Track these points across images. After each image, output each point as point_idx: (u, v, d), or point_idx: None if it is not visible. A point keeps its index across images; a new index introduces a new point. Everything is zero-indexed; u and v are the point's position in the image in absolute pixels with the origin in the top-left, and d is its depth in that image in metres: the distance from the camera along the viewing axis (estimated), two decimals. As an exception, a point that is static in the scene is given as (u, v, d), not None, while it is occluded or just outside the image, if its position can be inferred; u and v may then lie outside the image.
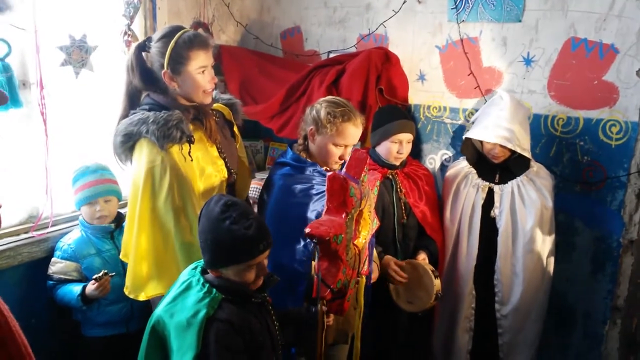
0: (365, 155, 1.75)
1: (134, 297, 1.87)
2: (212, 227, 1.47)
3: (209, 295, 1.47)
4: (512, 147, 2.21)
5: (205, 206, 1.53)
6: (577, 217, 2.50)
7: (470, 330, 2.49)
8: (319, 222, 1.52)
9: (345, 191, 1.56)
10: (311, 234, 1.46)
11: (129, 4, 2.45)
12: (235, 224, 1.45)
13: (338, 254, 1.53)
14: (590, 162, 2.43)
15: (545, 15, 2.43)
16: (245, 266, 1.49)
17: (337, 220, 1.54)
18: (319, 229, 1.47)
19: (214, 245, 1.47)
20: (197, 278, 1.52)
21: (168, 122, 1.77)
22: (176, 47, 1.81)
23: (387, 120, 2.40)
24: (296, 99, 2.81)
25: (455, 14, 2.62)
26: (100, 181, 2.18)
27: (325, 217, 1.56)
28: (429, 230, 2.47)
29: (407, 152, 2.44)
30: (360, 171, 1.68)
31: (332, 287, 1.53)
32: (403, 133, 2.37)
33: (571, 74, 2.41)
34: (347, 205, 1.57)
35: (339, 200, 1.56)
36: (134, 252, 1.84)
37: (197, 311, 1.43)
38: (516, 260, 2.34)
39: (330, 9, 3.04)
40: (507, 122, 2.24)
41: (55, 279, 2.12)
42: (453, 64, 2.70)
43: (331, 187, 1.56)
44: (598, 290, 2.48)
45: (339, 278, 1.55)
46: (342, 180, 1.55)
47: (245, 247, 1.46)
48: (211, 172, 1.91)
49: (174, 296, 1.51)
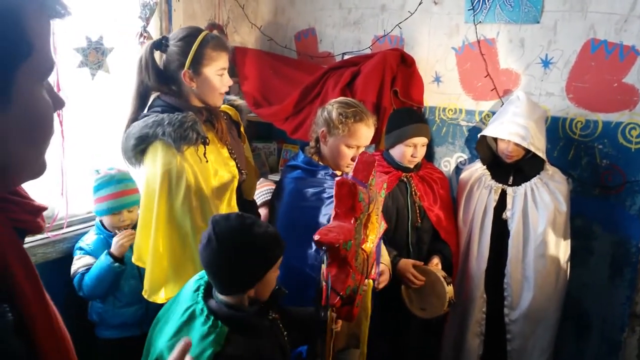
0: (372, 158, 1.72)
1: (153, 300, 1.87)
2: (244, 239, 1.41)
3: (215, 330, 1.38)
4: (527, 145, 2.19)
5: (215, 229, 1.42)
6: (595, 221, 2.46)
7: (482, 335, 2.46)
8: (328, 229, 1.48)
9: (354, 196, 1.53)
10: (320, 241, 1.42)
11: (145, 5, 2.46)
12: (259, 226, 1.44)
13: (347, 260, 1.51)
14: (609, 166, 2.39)
15: (564, 17, 2.39)
16: (276, 267, 1.49)
17: (346, 226, 1.51)
18: (328, 235, 1.43)
19: (253, 254, 1.42)
20: (200, 307, 1.43)
21: (184, 123, 1.76)
22: (200, 47, 1.82)
23: (403, 123, 2.38)
24: (310, 100, 2.80)
25: (472, 15, 2.59)
26: (126, 192, 2.18)
27: (334, 223, 1.53)
28: (443, 234, 2.45)
29: (421, 156, 2.42)
30: (368, 175, 1.65)
31: (341, 294, 1.49)
32: (418, 137, 2.35)
33: (590, 76, 2.37)
34: (355, 210, 1.55)
35: (348, 205, 1.54)
36: (152, 255, 1.83)
37: (203, 350, 1.34)
38: (527, 264, 2.32)
39: (345, 10, 3.03)
40: (522, 120, 2.21)
41: (81, 272, 2.12)
42: (469, 66, 2.67)
43: (339, 193, 1.53)
44: (616, 296, 2.44)
45: (348, 284, 1.52)
46: (350, 186, 1.52)
47: (277, 241, 1.48)
48: (224, 173, 1.91)
49: (176, 328, 1.42)
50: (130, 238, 2.07)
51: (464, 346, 2.50)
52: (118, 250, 2.07)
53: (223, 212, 1.73)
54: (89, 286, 2.09)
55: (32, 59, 0.61)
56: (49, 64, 0.65)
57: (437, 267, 2.35)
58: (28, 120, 0.63)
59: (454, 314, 2.52)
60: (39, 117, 0.65)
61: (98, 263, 2.09)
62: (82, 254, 2.16)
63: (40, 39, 0.62)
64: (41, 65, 0.64)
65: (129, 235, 2.08)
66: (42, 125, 0.66)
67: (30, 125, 0.64)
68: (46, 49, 0.64)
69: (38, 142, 0.66)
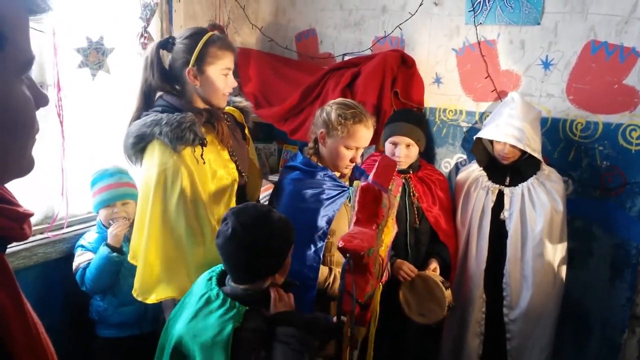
0: (393, 162, 1.69)
1: (142, 300, 1.86)
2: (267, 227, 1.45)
3: (233, 310, 1.41)
4: (522, 146, 2.19)
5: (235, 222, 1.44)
6: (595, 223, 2.46)
7: (481, 335, 2.46)
8: (352, 235, 1.45)
9: (379, 203, 1.51)
10: (345, 248, 1.40)
11: (146, 6, 2.46)
12: (274, 212, 1.49)
13: (368, 267, 1.48)
14: (610, 167, 2.39)
15: (564, 18, 2.39)
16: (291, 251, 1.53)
17: (368, 232, 1.48)
18: (353, 242, 1.41)
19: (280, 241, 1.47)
20: (215, 292, 1.46)
21: (181, 124, 1.76)
22: (206, 45, 1.83)
23: (391, 121, 2.42)
24: (310, 101, 2.80)
25: (472, 16, 2.59)
26: (118, 184, 2.19)
27: (356, 229, 1.49)
28: (442, 236, 2.44)
29: (406, 157, 2.38)
30: (389, 179, 1.62)
31: (360, 302, 1.48)
32: (399, 136, 2.35)
33: (590, 78, 2.37)
34: (378, 216, 1.52)
35: (371, 211, 1.51)
36: (144, 254, 1.83)
37: (222, 328, 1.37)
38: (525, 263, 2.32)
39: (345, 12, 3.03)
40: (517, 122, 2.22)
41: (83, 266, 2.14)
42: (470, 67, 2.67)
43: (364, 199, 1.51)
44: (616, 298, 2.44)
45: (367, 292, 1.50)
46: (375, 192, 1.50)
47: (291, 225, 1.52)
48: (222, 175, 1.90)
49: (193, 312, 1.44)
50: (124, 227, 2.10)
51: (463, 346, 2.49)
52: (113, 240, 2.11)
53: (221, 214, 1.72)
54: (91, 279, 2.10)
55: (5, 52, 0.58)
56: (26, 57, 0.63)
57: (435, 273, 2.34)
58: (5, 115, 0.60)
59: (452, 315, 2.52)
60: (17, 112, 0.62)
61: (97, 255, 2.12)
62: (83, 250, 2.18)
63: (15, 30, 0.59)
64: (18, 59, 0.61)
65: (123, 224, 2.11)
66: (21, 121, 0.62)
67: (8, 121, 0.60)
68: (23, 41, 0.62)
69: (19, 138, 0.63)
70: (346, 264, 1.44)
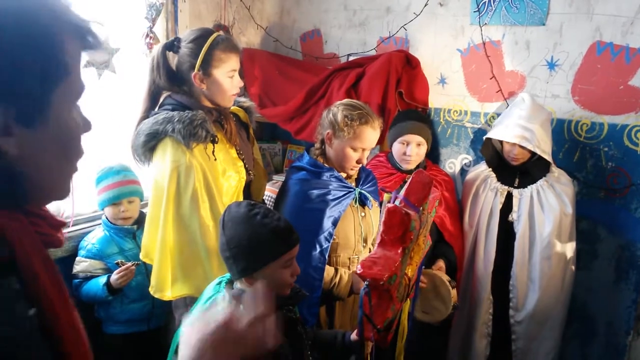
0: (429, 179, 1.56)
1: (159, 297, 1.87)
2: (244, 228, 1.41)
3: None
4: (532, 147, 2.18)
5: (226, 215, 1.45)
6: (600, 224, 2.45)
7: (488, 336, 2.46)
8: (372, 260, 1.36)
9: (406, 226, 1.40)
10: (363, 275, 1.33)
11: (151, 6, 2.47)
12: (266, 218, 1.42)
13: (390, 293, 1.40)
14: (615, 168, 2.38)
15: (570, 19, 2.39)
16: (282, 263, 1.43)
17: (392, 257, 1.38)
18: (372, 269, 1.32)
19: (250, 244, 1.40)
20: (222, 295, 1.45)
21: (193, 121, 1.77)
22: (210, 49, 1.83)
23: (399, 121, 2.41)
24: (315, 101, 2.80)
25: (477, 17, 2.59)
26: (124, 182, 2.20)
27: (379, 252, 1.40)
28: (448, 237, 2.44)
29: (416, 156, 2.39)
30: (422, 197, 1.49)
31: (379, 328, 1.40)
32: (410, 134, 2.35)
33: (596, 79, 2.37)
34: (405, 240, 1.42)
35: (397, 234, 1.41)
36: (159, 251, 1.83)
37: None
38: (532, 266, 2.31)
39: (350, 12, 3.03)
40: (527, 122, 2.21)
41: (81, 277, 2.13)
42: (475, 68, 2.67)
43: (389, 221, 1.40)
44: (621, 300, 2.43)
45: (387, 317, 1.42)
46: (403, 216, 1.38)
47: (281, 237, 1.42)
48: (231, 173, 1.91)
49: None
50: (129, 277, 2.06)
51: (471, 347, 2.50)
52: (115, 284, 2.05)
53: None
54: (84, 296, 2.12)
55: (68, 81, 0.65)
56: (80, 87, 0.69)
57: (441, 271, 2.34)
58: (61, 139, 0.66)
59: (460, 316, 2.52)
60: (70, 136, 0.68)
61: (94, 285, 2.09)
62: (85, 256, 2.16)
63: (74, 62, 0.66)
64: (74, 87, 0.67)
65: (129, 274, 2.06)
66: (72, 145, 0.69)
67: (63, 144, 0.67)
68: (78, 72, 0.68)
69: (69, 161, 0.70)
70: (364, 290, 1.38)
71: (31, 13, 0.61)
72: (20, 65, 0.60)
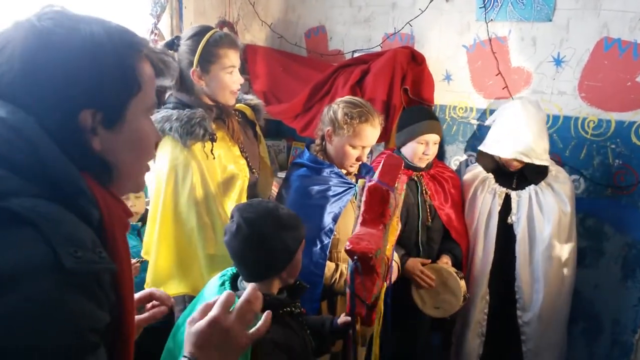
0: (400, 161, 1.65)
1: None
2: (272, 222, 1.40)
3: None
4: (529, 161, 2.17)
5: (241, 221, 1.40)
6: (606, 222, 2.43)
7: (482, 336, 2.45)
8: (359, 237, 1.41)
9: (386, 203, 1.47)
10: (353, 250, 1.36)
11: (156, 2, 2.47)
12: (282, 208, 1.44)
13: (375, 269, 1.45)
14: (622, 166, 2.36)
15: (576, 15, 2.36)
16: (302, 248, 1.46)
17: (375, 233, 1.45)
18: (360, 244, 1.37)
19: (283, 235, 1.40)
20: None
21: (191, 119, 1.78)
22: (207, 46, 1.83)
23: (415, 120, 2.38)
24: (320, 98, 2.79)
25: (483, 13, 2.57)
26: None
27: (363, 230, 1.46)
28: (454, 234, 2.43)
29: (433, 154, 2.40)
30: (394, 178, 1.58)
31: (367, 303, 1.45)
32: (430, 134, 2.34)
33: (603, 75, 2.34)
34: (385, 217, 1.49)
35: (378, 212, 1.47)
36: (156, 248, 1.84)
37: None
38: (535, 266, 2.30)
39: (355, 8, 3.02)
40: (521, 134, 2.18)
41: None
42: (480, 64, 2.65)
43: (371, 199, 1.46)
44: (628, 298, 2.41)
45: (373, 293, 1.47)
46: (383, 193, 1.46)
47: (300, 221, 1.46)
48: (233, 170, 1.91)
49: None
50: (135, 272, 2.04)
51: (464, 345, 2.50)
52: None
53: None
54: None
55: (140, 96, 0.82)
56: (152, 103, 0.87)
57: (447, 265, 2.33)
58: (134, 139, 0.84)
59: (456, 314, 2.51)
60: (142, 138, 0.86)
61: None
62: None
63: (147, 83, 0.83)
64: (146, 102, 0.85)
65: (135, 269, 2.04)
66: (144, 145, 0.87)
67: (136, 144, 0.84)
68: (151, 92, 0.86)
69: (141, 157, 0.87)
70: (354, 266, 1.42)
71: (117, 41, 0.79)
72: (108, 80, 0.77)
